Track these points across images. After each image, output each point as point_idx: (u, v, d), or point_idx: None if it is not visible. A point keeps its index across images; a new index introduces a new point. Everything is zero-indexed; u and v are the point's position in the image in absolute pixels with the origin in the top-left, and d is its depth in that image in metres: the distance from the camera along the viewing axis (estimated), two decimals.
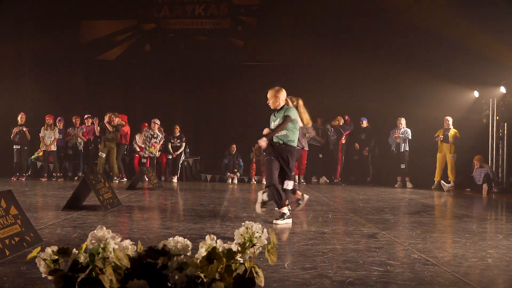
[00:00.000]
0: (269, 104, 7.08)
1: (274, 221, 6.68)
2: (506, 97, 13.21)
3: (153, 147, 14.64)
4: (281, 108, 7.03)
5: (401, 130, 14.05)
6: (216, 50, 16.61)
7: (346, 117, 14.85)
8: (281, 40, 16.17)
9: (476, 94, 14.29)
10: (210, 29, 16.99)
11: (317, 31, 16.00)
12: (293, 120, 6.94)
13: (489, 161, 13.41)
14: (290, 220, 6.76)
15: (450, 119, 13.53)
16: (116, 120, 14.36)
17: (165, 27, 17.07)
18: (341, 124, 14.84)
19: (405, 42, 15.20)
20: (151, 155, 14.66)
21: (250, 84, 15.76)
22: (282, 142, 6.93)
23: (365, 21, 15.68)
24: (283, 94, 7.10)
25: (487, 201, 10.88)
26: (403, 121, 14.07)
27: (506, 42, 14.07)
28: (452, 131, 13.44)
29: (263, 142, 6.89)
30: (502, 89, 13.27)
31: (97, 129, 14.57)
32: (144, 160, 14.79)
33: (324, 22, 16.05)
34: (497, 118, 13.53)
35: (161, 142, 14.82)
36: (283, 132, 6.91)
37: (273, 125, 7.03)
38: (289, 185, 6.97)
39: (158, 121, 14.71)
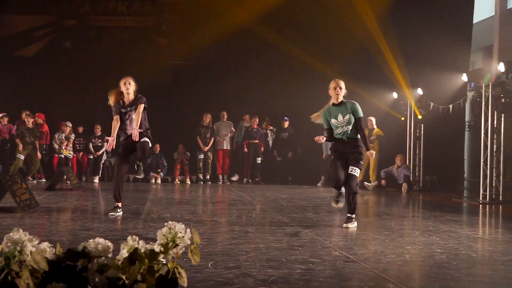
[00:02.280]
0: (337, 96, 6.65)
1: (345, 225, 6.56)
2: (423, 99, 13.69)
3: (65, 150, 14.34)
4: (343, 102, 6.69)
5: None
6: (139, 49, 16.36)
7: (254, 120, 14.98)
8: (205, 39, 16.10)
9: (395, 95, 14.73)
10: (133, 27, 16.72)
11: (241, 30, 16.03)
12: None
13: (407, 161, 13.85)
14: None
15: (373, 119, 13.88)
16: (32, 121, 13.95)
17: (86, 24, 16.67)
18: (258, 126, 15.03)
19: (326, 43, 15.46)
20: (68, 157, 14.35)
21: (173, 83, 15.63)
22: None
23: (287, 21, 15.83)
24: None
25: (406, 199, 11.24)
26: None
27: (422, 45, 14.61)
28: (375, 130, 13.80)
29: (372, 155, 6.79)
30: (419, 91, 13.74)
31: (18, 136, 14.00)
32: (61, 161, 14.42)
33: (246, 21, 16.07)
34: (420, 116, 13.95)
35: (71, 143, 14.50)
36: (350, 127, 6.64)
37: (337, 122, 6.63)
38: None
39: (70, 124, 14.43)
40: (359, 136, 6.67)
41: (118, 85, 7.32)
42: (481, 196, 10.55)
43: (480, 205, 10.06)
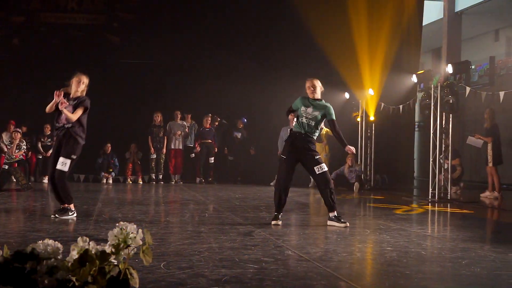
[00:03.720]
0: (309, 92, 6.87)
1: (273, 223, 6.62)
2: (374, 99, 13.88)
3: (16, 157, 13.98)
4: (319, 99, 6.88)
5: None
6: (91, 47, 16.07)
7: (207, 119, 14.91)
8: (158, 37, 15.95)
9: (347, 95, 14.90)
10: (85, 24, 16.42)
11: (195, 29, 15.96)
12: None
13: (359, 160, 14.03)
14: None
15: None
16: None
17: (36, 21, 16.27)
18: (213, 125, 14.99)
19: (280, 44, 15.54)
20: (18, 160, 14.00)
21: (126, 82, 15.44)
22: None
23: (241, 22, 15.84)
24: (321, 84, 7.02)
25: (357, 198, 11.38)
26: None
27: (373, 47, 14.84)
28: (324, 130, 13.90)
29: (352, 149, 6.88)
30: (371, 91, 13.93)
31: None
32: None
33: (202, 21, 16.02)
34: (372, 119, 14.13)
35: (23, 150, 14.17)
36: (313, 123, 6.80)
37: (304, 111, 6.77)
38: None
39: (20, 130, 14.07)
40: (315, 136, 6.85)
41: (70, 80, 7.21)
42: (430, 194, 10.77)
43: (429, 204, 10.27)
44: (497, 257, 4.76)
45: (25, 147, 13.88)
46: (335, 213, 6.69)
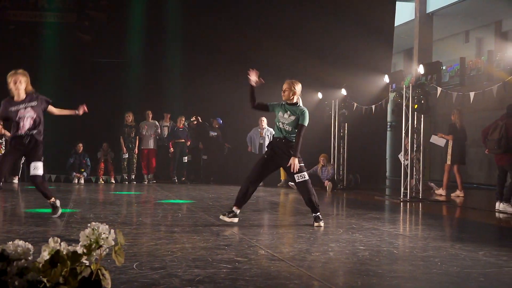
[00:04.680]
0: (283, 95, 6.78)
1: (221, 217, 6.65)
2: (347, 99, 13.97)
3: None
4: (296, 104, 6.76)
5: (264, 130, 14.21)
6: (62, 45, 15.89)
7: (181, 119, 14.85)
8: (130, 36, 15.85)
9: (319, 95, 14.96)
10: (55, 22, 16.23)
11: (167, 28, 15.89)
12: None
13: (332, 160, 14.10)
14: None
15: (264, 119, 14.00)
16: None
17: (4, 18, 16.02)
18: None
19: (253, 45, 15.53)
20: None
21: (97, 81, 15.30)
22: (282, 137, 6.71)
23: (215, 21, 15.81)
24: (299, 87, 6.85)
25: (330, 198, 11.44)
26: (265, 121, 14.11)
27: (346, 48, 14.94)
28: None
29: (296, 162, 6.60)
30: (343, 91, 14.01)
31: None
32: None
33: (172, 19, 15.94)
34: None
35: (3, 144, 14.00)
36: (290, 128, 6.66)
37: (281, 117, 6.68)
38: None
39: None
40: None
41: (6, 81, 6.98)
42: (402, 194, 10.88)
43: (401, 203, 10.37)
44: (467, 255, 4.83)
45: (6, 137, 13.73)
46: (317, 214, 6.70)
